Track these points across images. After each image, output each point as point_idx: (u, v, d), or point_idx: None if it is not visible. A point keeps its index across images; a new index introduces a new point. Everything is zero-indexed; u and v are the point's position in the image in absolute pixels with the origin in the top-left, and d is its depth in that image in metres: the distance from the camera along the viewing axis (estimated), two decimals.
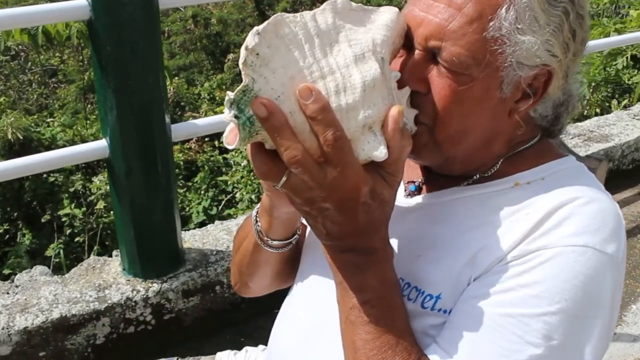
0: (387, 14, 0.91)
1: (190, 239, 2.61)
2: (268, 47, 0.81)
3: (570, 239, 0.90)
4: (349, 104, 0.83)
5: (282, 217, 1.08)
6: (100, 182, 6.66)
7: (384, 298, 0.91)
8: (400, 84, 0.93)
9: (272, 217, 1.09)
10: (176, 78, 12.56)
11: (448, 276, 0.95)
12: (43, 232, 7.12)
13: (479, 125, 0.97)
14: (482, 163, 1.03)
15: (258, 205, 1.14)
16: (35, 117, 9.40)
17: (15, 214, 7.34)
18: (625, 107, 5.29)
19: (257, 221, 1.14)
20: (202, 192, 7.18)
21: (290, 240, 1.15)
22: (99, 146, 2.22)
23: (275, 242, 1.14)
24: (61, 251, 6.55)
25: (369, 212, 0.86)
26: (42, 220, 7.05)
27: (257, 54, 0.80)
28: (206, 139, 8.35)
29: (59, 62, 13.41)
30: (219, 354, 1.43)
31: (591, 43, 3.88)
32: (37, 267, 2.45)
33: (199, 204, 7.00)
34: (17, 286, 2.32)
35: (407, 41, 0.95)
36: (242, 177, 6.69)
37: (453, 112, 0.94)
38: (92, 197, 6.74)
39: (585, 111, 5.68)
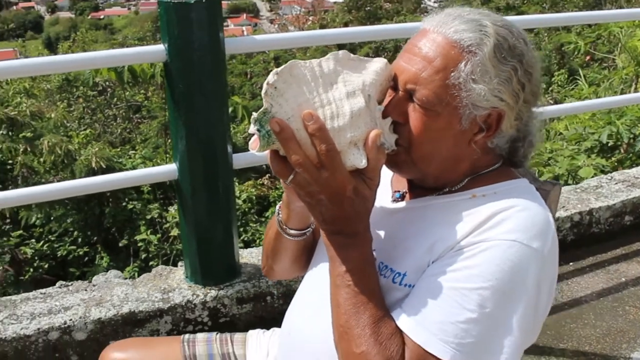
0: (377, 63, 1.23)
1: (248, 255, 2.95)
2: (284, 82, 1.14)
3: (504, 235, 1.18)
4: (340, 126, 1.15)
5: (297, 210, 1.41)
6: (175, 211, 7.06)
7: (361, 269, 1.21)
8: (386, 115, 1.24)
9: (289, 210, 1.42)
10: None
11: (413, 260, 1.25)
12: (120, 256, 7.54)
13: (444, 150, 1.27)
14: (450, 180, 1.32)
15: (281, 202, 1.47)
16: (118, 149, 9.98)
17: (95, 238, 7.78)
18: None
19: (279, 213, 1.47)
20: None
21: (304, 231, 1.47)
22: (169, 169, 2.60)
23: (292, 231, 1.46)
24: (136, 274, 6.90)
25: (353, 205, 1.17)
26: (120, 245, 7.45)
27: (275, 87, 1.13)
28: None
29: (143, 98, 14.08)
30: (250, 331, 1.74)
31: None
32: (112, 271, 2.83)
33: None
34: (94, 285, 2.70)
35: (394, 84, 1.27)
36: None
37: (423, 138, 1.25)
38: (167, 224, 7.13)
39: None
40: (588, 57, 11.16)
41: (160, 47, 2.37)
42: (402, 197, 1.41)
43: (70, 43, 24.95)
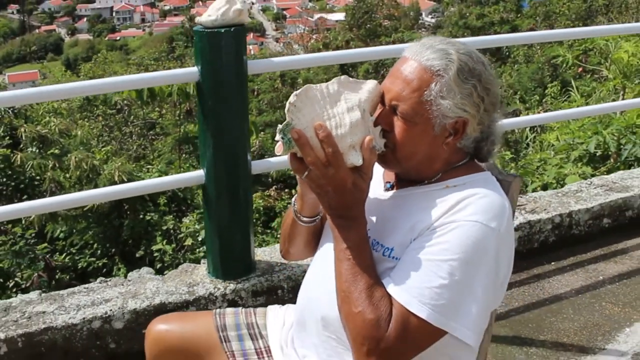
0: (370, 84, 1.59)
1: (262, 253, 3.26)
2: (301, 102, 1.50)
3: (468, 217, 1.50)
4: (342, 134, 1.50)
5: (309, 202, 1.75)
6: (189, 222, 7.38)
7: (358, 246, 1.54)
8: (376, 124, 1.59)
9: (303, 201, 1.76)
10: (262, 133, 13.36)
11: (399, 237, 1.58)
12: (136, 267, 7.79)
13: (422, 151, 1.61)
14: (429, 174, 1.65)
15: (296, 195, 1.80)
16: (133, 165, 10.31)
17: (113, 250, 8.06)
18: None
19: (294, 204, 1.81)
20: (279, 235, 7.76)
21: (314, 218, 1.80)
22: (197, 175, 2.96)
23: (304, 219, 1.80)
24: None
25: (352, 195, 1.52)
26: (137, 256, 7.73)
27: (295, 105, 1.49)
28: (286, 190, 9.09)
29: (158, 116, 14.43)
30: (269, 306, 2.07)
31: None
32: (144, 268, 3.18)
33: None
34: (129, 280, 3.04)
35: (383, 100, 1.62)
36: None
37: (405, 142, 1.59)
38: (182, 235, 7.41)
39: None
40: (580, 69, 11.34)
41: (194, 69, 2.74)
42: (392, 187, 1.74)
43: (92, 64, 25.44)
